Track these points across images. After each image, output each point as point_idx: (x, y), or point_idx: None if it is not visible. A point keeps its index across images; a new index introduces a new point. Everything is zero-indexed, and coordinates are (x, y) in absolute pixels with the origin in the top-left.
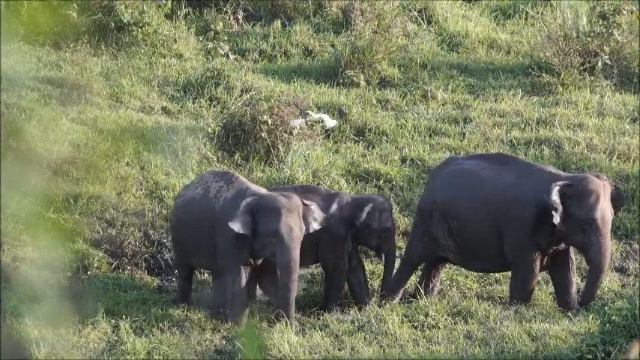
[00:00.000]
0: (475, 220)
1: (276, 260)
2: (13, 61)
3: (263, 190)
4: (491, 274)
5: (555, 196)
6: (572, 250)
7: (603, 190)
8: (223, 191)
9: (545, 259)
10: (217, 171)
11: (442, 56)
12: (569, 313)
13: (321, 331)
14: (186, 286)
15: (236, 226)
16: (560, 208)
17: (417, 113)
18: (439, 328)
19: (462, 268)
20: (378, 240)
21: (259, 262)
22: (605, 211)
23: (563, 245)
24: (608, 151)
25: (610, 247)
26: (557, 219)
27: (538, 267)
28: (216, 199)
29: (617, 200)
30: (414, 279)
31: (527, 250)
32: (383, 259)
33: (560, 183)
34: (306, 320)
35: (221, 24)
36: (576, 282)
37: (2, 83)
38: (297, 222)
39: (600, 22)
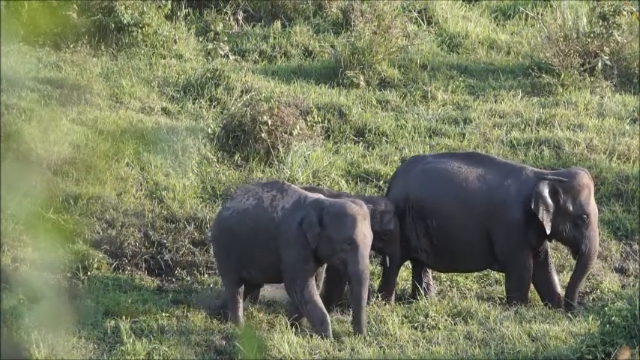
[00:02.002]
0: (457, 220)
1: (349, 268)
2: (13, 62)
3: (321, 196)
4: (491, 274)
5: (546, 192)
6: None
7: (593, 184)
8: (278, 200)
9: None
10: (264, 181)
11: (442, 57)
12: (569, 314)
13: None
14: (237, 302)
15: (308, 233)
16: (550, 203)
17: (417, 114)
18: (439, 328)
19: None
20: (381, 242)
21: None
22: (594, 206)
23: (547, 243)
24: (608, 152)
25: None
26: (543, 215)
27: (532, 266)
28: (273, 209)
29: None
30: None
31: (520, 251)
32: (387, 260)
33: (551, 178)
34: (305, 321)
35: (221, 25)
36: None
37: (2, 84)
38: (369, 229)
39: (600, 23)
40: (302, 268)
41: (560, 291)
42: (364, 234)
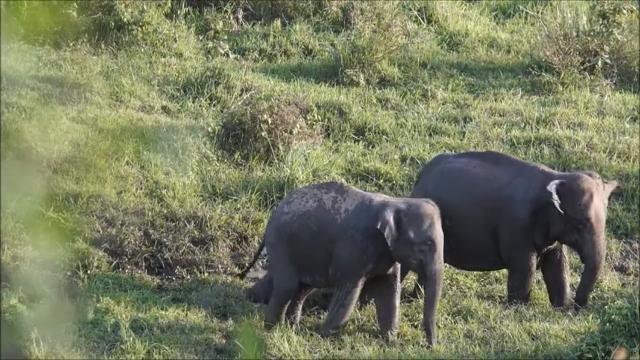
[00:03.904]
0: (469, 218)
1: (428, 268)
2: (13, 61)
3: (387, 197)
4: (491, 273)
5: (555, 193)
6: (565, 248)
7: (596, 188)
8: (340, 202)
9: (539, 258)
10: (321, 183)
11: (442, 55)
12: (569, 313)
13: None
14: (282, 303)
15: (387, 234)
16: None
17: (417, 112)
18: (439, 327)
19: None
20: None
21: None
22: (599, 209)
23: (556, 244)
24: (608, 151)
25: (604, 245)
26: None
27: (534, 265)
28: (336, 211)
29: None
30: (414, 278)
31: (524, 249)
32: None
33: (557, 181)
34: (306, 320)
35: (221, 23)
36: (570, 281)
37: (2, 82)
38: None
39: (600, 22)
40: (358, 271)
41: (570, 293)
42: (441, 233)
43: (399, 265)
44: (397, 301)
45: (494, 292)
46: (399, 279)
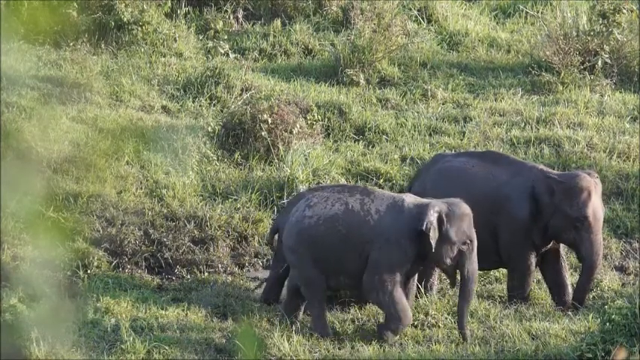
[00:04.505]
0: None
1: (464, 267)
2: (13, 60)
3: (416, 197)
4: (491, 273)
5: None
6: (562, 247)
7: (594, 187)
8: (368, 204)
9: (536, 258)
10: (340, 185)
11: (442, 55)
12: (569, 312)
13: None
14: (323, 311)
15: (432, 235)
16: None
17: (417, 112)
18: (439, 326)
19: None
20: None
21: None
22: (596, 208)
23: (553, 244)
24: (608, 150)
25: (602, 244)
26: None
27: (534, 265)
28: (366, 213)
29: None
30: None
31: (523, 249)
32: None
33: (550, 177)
34: (306, 319)
35: (221, 23)
36: (570, 280)
37: (2, 82)
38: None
39: (600, 21)
40: (396, 271)
41: (571, 292)
42: (474, 233)
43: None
44: (411, 303)
45: (494, 291)
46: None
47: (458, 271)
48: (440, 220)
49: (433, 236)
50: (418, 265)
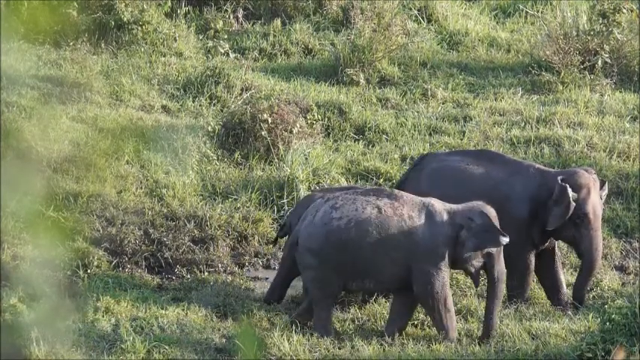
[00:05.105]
0: None
1: (493, 269)
2: (13, 60)
3: (440, 201)
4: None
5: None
6: (556, 246)
7: (593, 184)
8: (400, 208)
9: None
10: (362, 187)
11: (442, 55)
12: (569, 312)
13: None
14: (329, 313)
15: (468, 241)
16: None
17: (417, 112)
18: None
19: None
20: None
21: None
22: (596, 205)
23: (550, 242)
24: (608, 150)
25: (601, 241)
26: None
27: (533, 264)
28: (400, 217)
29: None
30: None
31: (522, 248)
32: None
33: (559, 178)
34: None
35: (221, 22)
36: (569, 280)
37: (2, 82)
38: None
39: (600, 21)
40: (442, 277)
41: (567, 291)
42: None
43: None
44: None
45: None
46: None
47: (485, 272)
48: (469, 226)
49: (468, 241)
50: (449, 270)
